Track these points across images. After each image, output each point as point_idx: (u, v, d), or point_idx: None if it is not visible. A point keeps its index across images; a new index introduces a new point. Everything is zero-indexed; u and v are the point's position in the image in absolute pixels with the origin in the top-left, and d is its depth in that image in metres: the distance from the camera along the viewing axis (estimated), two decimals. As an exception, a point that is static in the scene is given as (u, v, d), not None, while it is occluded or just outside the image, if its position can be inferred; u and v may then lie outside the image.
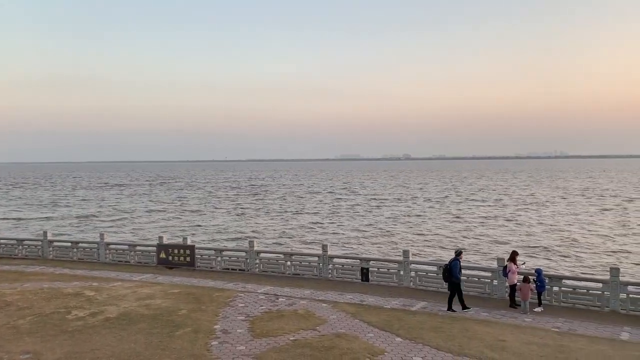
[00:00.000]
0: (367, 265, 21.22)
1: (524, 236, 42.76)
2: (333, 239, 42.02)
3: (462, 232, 45.42)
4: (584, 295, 17.44)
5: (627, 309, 16.64)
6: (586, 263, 32.10)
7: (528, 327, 14.90)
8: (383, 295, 18.66)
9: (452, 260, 17.09)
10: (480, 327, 14.64)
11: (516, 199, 79.83)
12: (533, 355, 12.45)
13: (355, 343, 13.21)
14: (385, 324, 14.86)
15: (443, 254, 35.45)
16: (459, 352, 12.59)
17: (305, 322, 15.07)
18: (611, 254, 34.53)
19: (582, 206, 66.81)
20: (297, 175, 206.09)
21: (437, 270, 20.15)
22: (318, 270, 21.95)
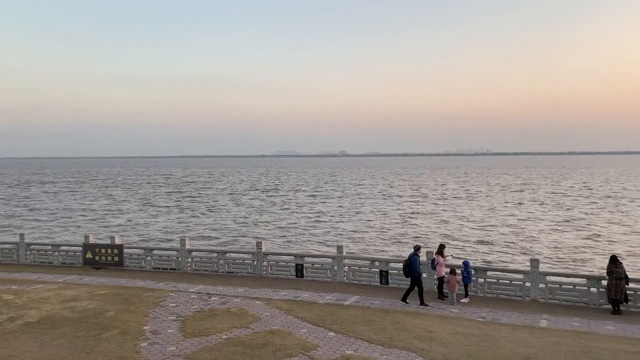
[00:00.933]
0: (302, 261, 21.30)
1: (450, 229, 44.34)
2: (268, 235, 41.87)
3: (394, 226, 46.51)
4: (507, 285, 18.32)
5: (546, 297, 17.63)
6: (508, 255, 33.72)
7: (455, 318, 15.47)
8: (317, 291, 18.79)
9: (412, 255, 17.39)
10: (410, 319, 15.05)
11: (440, 193, 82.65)
12: (459, 344, 12.94)
13: (289, 339, 13.23)
14: (318, 319, 14.97)
15: (375, 248, 36.19)
16: (389, 344, 12.88)
17: (239, 320, 14.94)
18: (531, 246, 36.44)
19: (503, 200, 70.12)
20: (225, 172, 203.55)
21: (369, 264, 20.55)
22: (252, 268, 21.79)
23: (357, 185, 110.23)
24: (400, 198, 76.80)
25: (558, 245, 36.71)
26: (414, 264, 17.15)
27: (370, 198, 77.44)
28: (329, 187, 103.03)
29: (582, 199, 71.53)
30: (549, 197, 74.99)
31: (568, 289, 17.58)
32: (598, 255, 32.86)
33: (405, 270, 17.41)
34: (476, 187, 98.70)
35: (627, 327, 14.59)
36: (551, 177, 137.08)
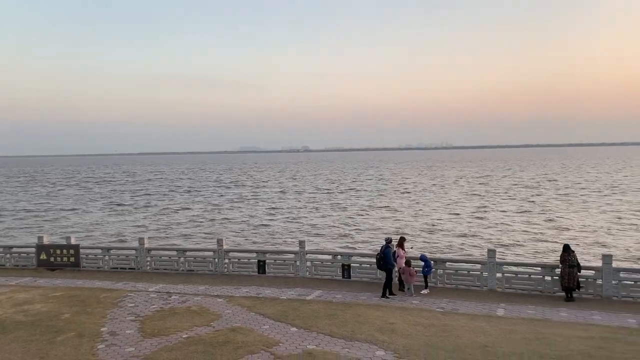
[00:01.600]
0: (264, 257, 21.19)
1: (408, 222, 44.98)
2: (228, 232, 41.51)
3: (352, 220, 46.85)
4: (465, 276, 18.71)
5: (503, 287, 18.07)
6: (467, 246, 34.45)
7: (415, 309, 15.70)
8: (280, 287, 18.74)
9: (385, 247, 17.48)
10: (371, 312, 15.19)
11: (395, 187, 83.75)
12: (419, 335, 13.14)
13: (251, 336, 13.16)
14: (281, 315, 14.95)
15: (335, 244, 36.39)
16: (351, 338, 12.97)
17: (200, 318, 14.76)
18: (490, 236, 37.35)
19: (459, 193, 71.61)
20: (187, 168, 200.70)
21: (331, 259, 20.63)
22: (213, 266, 21.56)
23: (315, 179, 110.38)
24: (358, 192, 77.38)
25: (515, 236, 37.73)
26: (388, 257, 17.29)
27: (331, 193, 77.75)
28: (290, 183, 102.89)
29: (539, 190, 73.68)
30: (508, 189, 76.95)
31: (524, 278, 18.07)
32: (553, 244, 33.91)
33: (380, 263, 17.53)
34: (433, 180, 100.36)
35: (579, 314, 15.11)
36: (512, 169, 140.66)
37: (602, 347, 12.15)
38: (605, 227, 40.25)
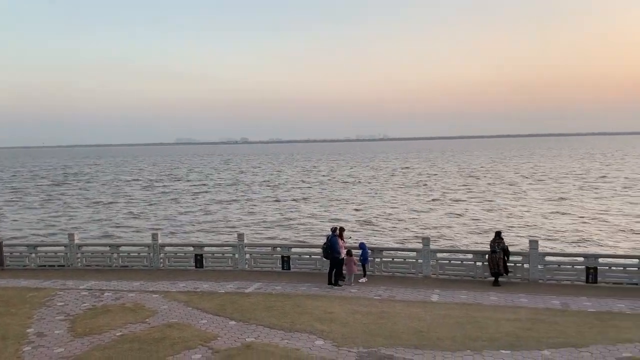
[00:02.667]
0: (201, 251, 20.82)
1: (348, 211, 45.58)
2: (164, 226, 40.51)
3: (290, 213, 46.92)
4: (402, 264, 19.15)
5: (437, 273, 18.65)
6: (401, 235, 35.31)
7: (354, 298, 15.92)
8: (218, 280, 18.47)
9: (331, 237, 17.63)
10: (310, 302, 15.27)
11: (338, 178, 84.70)
12: (357, 323, 13.35)
13: (188, 331, 12.92)
14: (219, 309, 14.76)
15: (274, 236, 36.32)
16: (290, 328, 12.99)
17: (134, 315, 14.33)
18: (421, 226, 38.45)
19: (394, 183, 73.29)
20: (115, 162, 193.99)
21: (271, 251, 20.54)
22: (149, 261, 20.94)
23: (253, 173, 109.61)
24: (294, 184, 77.55)
25: (447, 224, 39.01)
26: (335, 245, 17.43)
27: (266, 186, 77.44)
28: (225, 176, 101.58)
29: (471, 179, 76.51)
30: (437, 178, 79.40)
31: (456, 264, 18.72)
32: (482, 232, 35.32)
33: (327, 252, 17.65)
34: (367, 172, 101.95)
35: (508, 297, 15.81)
36: (436, 159, 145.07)
37: (529, 328, 12.79)
38: (528, 214, 42.35)
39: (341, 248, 18.20)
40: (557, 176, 79.21)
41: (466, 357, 11.16)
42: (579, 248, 29.39)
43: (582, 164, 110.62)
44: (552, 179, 74.10)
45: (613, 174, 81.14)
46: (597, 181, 69.47)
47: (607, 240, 31.81)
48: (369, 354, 11.36)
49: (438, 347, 11.66)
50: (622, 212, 42.48)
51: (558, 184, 67.49)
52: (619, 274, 17.20)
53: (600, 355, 11.07)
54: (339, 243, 17.65)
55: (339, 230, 18.71)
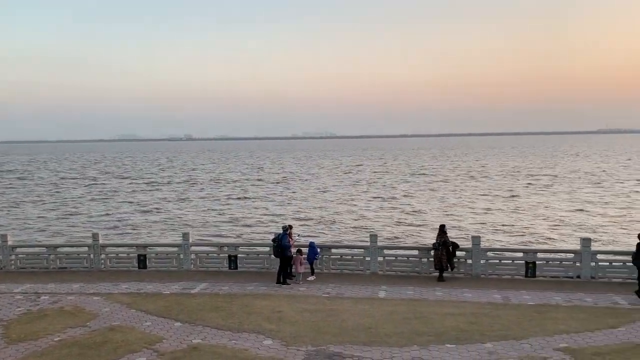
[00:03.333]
0: (145, 251, 20.22)
1: (293, 210, 45.56)
2: (105, 226, 39.14)
3: (237, 211, 46.46)
4: (350, 261, 19.29)
5: (384, 270, 18.89)
6: (349, 231, 35.62)
7: (302, 296, 15.89)
8: (163, 281, 17.98)
9: (282, 235, 17.45)
10: (258, 301, 15.13)
11: (280, 176, 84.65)
12: (306, 321, 13.33)
13: (131, 334, 12.52)
14: (164, 311, 14.38)
15: (221, 233, 35.84)
16: (238, 329, 12.83)
17: (74, 319, 13.75)
18: (369, 222, 38.94)
19: (337, 181, 73.95)
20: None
21: (217, 250, 20.21)
22: (89, 262, 20.13)
23: (192, 170, 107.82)
24: (238, 182, 76.90)
25: (393, 221, 39.67)
26: (285, 244, 17.34)
27: (209, 183, 76.36)
28: (166, 174, 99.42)
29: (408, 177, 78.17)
30: (384, 175, 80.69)
31: (403, 261, 19.03)
32: (428, 228, 36.14)
33: (277, 251, 17.51)
34: (313, 169, 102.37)
35: (452, 292, 16.21)
36: (383, 158, 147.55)
37: (473, 322, 13.16)
38: (468, 210, 43.70)
39: (291, 246, 18.15)
40: (499, 173, 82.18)
41: (413, 352, 11.35)
42: (519, 244, 30.50)
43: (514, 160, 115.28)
44: (500, 176, 76.75)
45: (550, 171, 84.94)
46: (531, 178, 72.50)
47: (546, 235, 33.22)
48: (317, 352, 11.36)
49: (386, 343, 11.81)
50: (561, 207, 44.49)
51: (495, 180, 70.00)
52: (556, 268, 17.99)
53: (538, 347, 11.52)
54: (289, 241, 17.57)
55: (288, 229, 18.64)
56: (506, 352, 11.22)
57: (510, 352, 11.22)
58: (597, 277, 17.44)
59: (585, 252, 17.46)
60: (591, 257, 17.52)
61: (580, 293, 15.78)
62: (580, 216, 40.14)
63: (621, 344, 11.62)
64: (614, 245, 29.49)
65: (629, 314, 13.71)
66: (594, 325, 12.81)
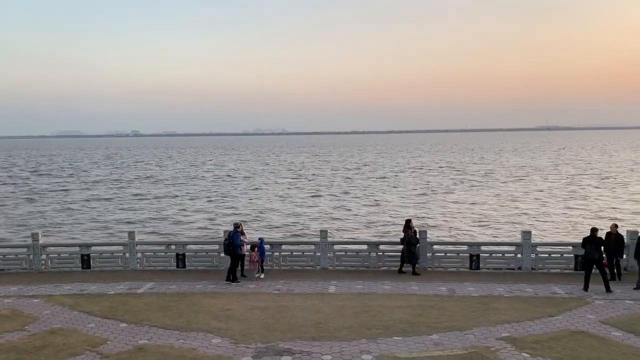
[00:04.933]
0: (88, 251, 19.56)
1: (242, 207, 45.22)
2: (43, 225, 37.61)
3: (184, 209, 45.69)
4: (300, 257, 19.33)
5: (334, 265, 19.03)
6: (295, 228, 35.67)
7: (252, 293, 15.78)
8: (107, 282, 17.45)
9: (232, 232, 17.22)
10: (207, 300, 14.93)
11: (231, 172, 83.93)
12: (256, 318, 13.25)
13: (73, 337, 12.10)
14: (108, 312, 13.98)
15: (169, 231, 35.18)
16: (186, 328, 12.61)
17: (11, 323, 13.15)
18: (317, 219, 39.13)
19: (283, 177, 74.04)
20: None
21: (165, 249, 19.81)
22: (28, 263, 19.30)
23: (139, 167, 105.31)
24: (184, 179, 75.70)
25: (342, 216, 40.00)
26: (236, 241, 17.12)
27: (150, 181, 74.78)
28: (105, 171, 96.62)
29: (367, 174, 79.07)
30: (326, 172, 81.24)
31: (352, 256, 19.23)
32: (370, 224, 36.64)
33: (228, 248, 17.28)
34: (259, 166, 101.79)
35: (400, 285, 16.50)
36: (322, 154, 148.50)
37: (420, 314, 13.45)
38: (412, 204, 44.64)
39: (243, 244, 17.97)
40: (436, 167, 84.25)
41: (362, 345, 11.49)
42: (464, 237, 31.40)
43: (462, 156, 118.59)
44: (434, 170, 78.63)
45: (489, 167, 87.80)
46: (476, 173, 74.77)
47: (488, 228, 34.33)
48: (267, 349, 11.32)
49: (335, 338, 11.90)
50: (500, 203, 46.05)
51: (433, 176, 71.77)
52: (499, 260, 18.64)
53: (482, 337, 11.89)
54: (240, 239, 17.40)
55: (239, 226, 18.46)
56: (451, 343, 11.53)
57: (455, 343, 11.54)
58: (537, 268, 18.18)
59: (526, 245, 18.17)
60: (531, 249, 18.24)
61: (522, 284, 16.40)
62: (522, 208, 41.68)
63: (558, 331, 12.16)
64: (553, 237, 30.81)
65: (566, 302, 14.36)
66: (533, 314, 13.35)
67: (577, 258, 17.85)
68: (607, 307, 13.97)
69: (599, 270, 15.51)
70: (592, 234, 15.62)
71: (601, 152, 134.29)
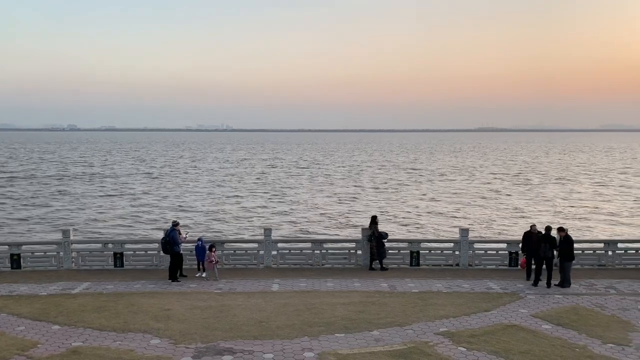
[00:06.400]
0: (19, 250, 18.58)
1: (179, 206, 44.40)
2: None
3: (122, 206, 44.39)
4: (243, 255, 19.14)
5: (277, 263, 18.97)
6: (242, 226, 35.40)
7: (193, 293, 15.49)
8: (39, 282, 16.63)
9: (170, 230, 16.81)
10: (146, 300, 14.54)
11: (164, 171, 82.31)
12: (196, 318, 13.03)
13: (1, 340, 11.48)
14: (40, 313, 13.37)
15: (106, 230, 34.07)
16: (123, 329, 12.25)
17: None
18: (262, 217, 38.97)
19: (224, 174, 73.39)
20: None
21: (102, 247, 19.13)
22: (-49, 263, 18.15)
23: (76, 164, 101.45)
24: (125, 176, 73.58)
25: (286, 213, 40.00)
26: (175, 239, 16.73)
27: (88, 178, 72.26)
28: (43, 167, 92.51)
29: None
30: (272, 169, 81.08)
31: (296, 254, 19.23)
32: (316, 221, 36.87)
33: (166, 247, 16.87)
34: (205, 165, 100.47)
35: (342, 282, 16.65)
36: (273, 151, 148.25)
37: (361, 310, 13.64)
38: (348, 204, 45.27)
39: (182, 242, 17.58)
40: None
41: (303, 342, 11.53)
42: (406, 234, 32.13)
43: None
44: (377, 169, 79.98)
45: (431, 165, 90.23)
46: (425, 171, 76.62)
47: (428, 226, 35.27)
48: (207, 349, 11.15)
49: (277, 336, 11.88)
50: (442, 200, 47.40)
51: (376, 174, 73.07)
52: (438, 257, 19.16)
53: (421, 332, 12.20)
54: (179, 237, 17.04)
55: (175, 224, 18.04)
56: (391, 339, 11.76)
57: (395, 338, 11.78)
58: (473, 264, 18.82)
59: (464, 242, 18.76)
60: (469, 246, 18.86)
61: (459, 280, 16.94)
62: (458, 206, 43.06)
63: (493, 325, 12.66)
64: (489, 234, 32.04)
65: (500, 297, 14.96)
66: (470, 309, 13.82)
67: (512, 255, 18.62)
68: (538, 301, 14.66)
69: (547, 267, 16.20)
70: (547, 232, 16.23)
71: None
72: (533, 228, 16.83)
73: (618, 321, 13.02)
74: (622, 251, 19.03)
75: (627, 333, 12.21)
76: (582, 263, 18.52)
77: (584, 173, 77.18)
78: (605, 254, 18.91)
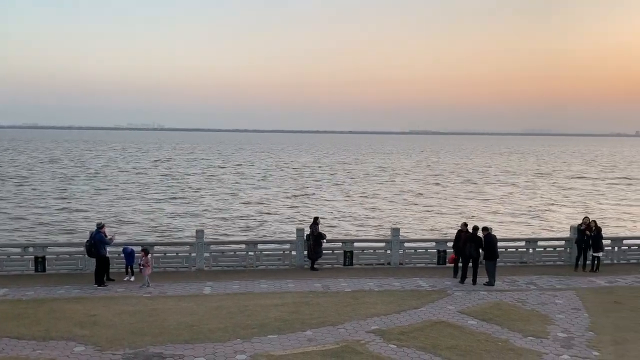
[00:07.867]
0: None
1: (110, 209, 42.87)
2: None
3: (43, 209, 42.26)
4: (174, 258, 18.69)
5: (210, 265, 18.64)
6: (167, 228, 34.55)
7: (121, 297, 14.96)
8: (-50, 289, 15.50)
9: (95, 233, 16.07)
10: (70, 306, 13.90)
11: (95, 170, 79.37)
12: (124, 323, 12.61)
13: None
14: (-50, 323, 12.44)
15: (27, 233, 32.25)
16: (44, 337, 11.68)
17: None
18: (197, 217, 38.23)
19: (158, 174, 71.68)
20: None
21: (21, 251, 18.08)
22: None
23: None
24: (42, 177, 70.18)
25: (222, 215, 39.44)
26: (100, 242, 16.09)
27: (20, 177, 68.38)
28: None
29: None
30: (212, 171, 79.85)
31: (229, 255, 19.00)
32: (265, 221, 36.60)
33: (91, 251, 16.18)
34: (138, 163, 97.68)
35: (276, 283, 16.60)
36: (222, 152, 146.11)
37: (294, 311, 13.68)
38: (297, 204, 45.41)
39: (108, 244, 16.91)
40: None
41: (236, 345, 11.42)
42: (339, 234, 32.46)
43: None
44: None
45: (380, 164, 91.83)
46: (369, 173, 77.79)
47: (360, 225, 35.85)
48: (135, 355, 10.82)
49: (209, 340, 11.70)
50: (377, 201, 48.32)
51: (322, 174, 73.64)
52: (370, 256, 19.52)
53: (353, 330, 12.40)
54: (104, 239, 16.39)
55: (101, 226, 17.33)
56: (324, 338, 11.86)
57: (328, 338, 11.89)
58: (404, 263, 19.31)
59: (395, 241, 19.22)
60: (399, 245, 19.34)
61: (391, 278, 17.33)
62: (387, 206, 44.09)
63: (422, 322, 13.06)
64: (418, 233, 33.00)
65: (429, 295, 15.45)
66: (400, 307, 14.19)
67: (440, 253, 19.27)
68: (465, 298, 15.26)
69: (473, 265, 16.80)
70: (474, 232, 16.82)
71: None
72: (463, 227, 17.42)
73: (537, 315, 13.78)
74: (541, 249, 20.15)
75: (545, 326, 12.95)
76: (506, 261, 19.40)
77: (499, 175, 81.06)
78: (527, 252, 19.96)
